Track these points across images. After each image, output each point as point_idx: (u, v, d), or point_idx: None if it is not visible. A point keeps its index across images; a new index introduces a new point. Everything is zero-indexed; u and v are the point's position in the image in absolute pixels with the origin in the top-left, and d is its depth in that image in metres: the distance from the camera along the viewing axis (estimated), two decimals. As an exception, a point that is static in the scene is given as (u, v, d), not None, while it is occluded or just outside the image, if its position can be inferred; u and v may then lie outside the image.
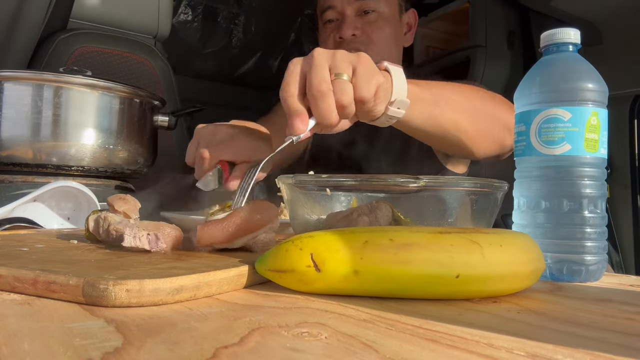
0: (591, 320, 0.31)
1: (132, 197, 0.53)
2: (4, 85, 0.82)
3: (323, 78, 0.50)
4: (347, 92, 0.51)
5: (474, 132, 0.72)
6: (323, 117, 0.51)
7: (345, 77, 0.51)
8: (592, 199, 0.44)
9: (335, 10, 1.04)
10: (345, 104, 0.51)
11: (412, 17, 1.12)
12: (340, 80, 0.51)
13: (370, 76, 0.53)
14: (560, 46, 0.46)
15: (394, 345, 0.24)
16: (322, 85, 0.50)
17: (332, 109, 0.51)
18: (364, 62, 0.53)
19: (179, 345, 0.23)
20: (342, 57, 0.52)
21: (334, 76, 0.51)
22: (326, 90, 0.50)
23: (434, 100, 0.65)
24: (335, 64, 0.51)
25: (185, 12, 1.94)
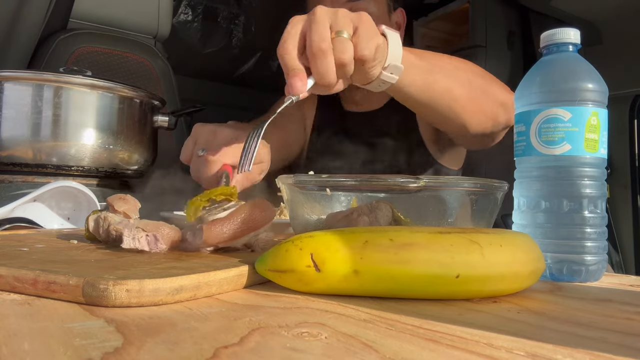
0: (591, 320, 0.31)
1: (132, 197, 0.53)
2: (4, 85, 0.82)
3: (323, 36, 0.49)
4: (347, 50, 0.50)
5: (467, 102, 0.71)
6: (322, 75, 0.51)
7: (345, 35, 0.51)
8: (592, 199, 0.44)
9: None
10: (346, 62, 0.51)
11: (400, 16, 1.12)
12: (341, 38, 0.50)
13: (371, 35, 0.52)
14: (560, 46, 0.46)
15: (394, 345, 0.24)
16: (323, 43, 0.49)
17: (332, 67, 0.50)
18: (365, 21, 0.52)
19: (179, 345, 0.23)
20: (344, 15, 0.52)
21: (335, 34, 0.50)
22: (326, 49, 0.49)
23: (429, 68, 0.65)
24: (336, 22, 0.51)
25: (185, 12, 1.94)
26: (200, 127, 0.67)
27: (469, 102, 0.71)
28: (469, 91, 0.71)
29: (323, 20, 0.50)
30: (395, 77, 0.60)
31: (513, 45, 1.69)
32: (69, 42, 1.31)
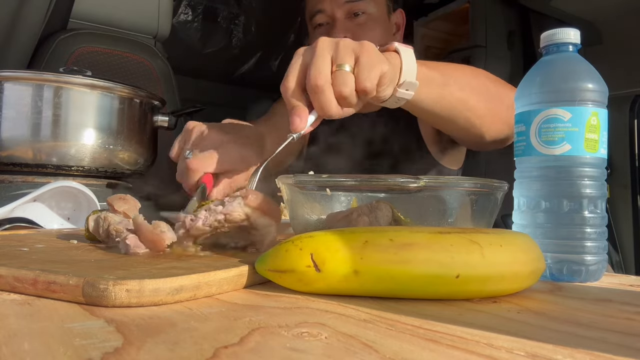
0: (591, 320, 0.31)
1: (132, 197, 0.53)
2: (4, 85, 0.82)
3: (320, 71, 0.50)
4: (347, 83, 0.50)
5: (483, 111, 0.71)
6: (323, 110, 0.51)
7: (347, 68, 0.51)
8: (592, 199, 0.44)
9: (325, 14, 1.03)
10: (345, 95, 0.51)
11: (399, 17, 1.12)
12: (341, 71, 0.50)
13: (372, 65, 0.52)
14: (560, 46, 0.46)
15: (394, 346, 0.24)
16: (319, 79, 0.49)
17: (331, 101, 0.50)
18: (367, 51, 0.52)
19: (179, 345, 0.23)
20: (345, 46, 0.51)
21: (336, 67, 0.50)
22: (323, 84, 0.49)
23: (444, 80, 0.65)
24: (337, 54, 0.51)
25: (185, 12, 1.94)
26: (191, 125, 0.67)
27: (485, 112, 0.71)
28: (484, 100, 0.71)
29: (323, 53, 0.50)
30: (411, 93, 0.59)
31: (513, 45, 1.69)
32: (69, 42, 1.31)
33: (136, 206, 0.52)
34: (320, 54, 0.50)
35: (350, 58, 0.51)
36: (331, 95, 0.50)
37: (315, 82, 0.49)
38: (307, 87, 0.50)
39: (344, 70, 0.50)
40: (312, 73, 0.50)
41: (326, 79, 0.50)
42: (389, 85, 0.56)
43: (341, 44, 0.51)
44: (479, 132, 0.74)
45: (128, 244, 0.42)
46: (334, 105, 0.51)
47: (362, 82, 0.51)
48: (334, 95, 0.51)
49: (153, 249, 0.43)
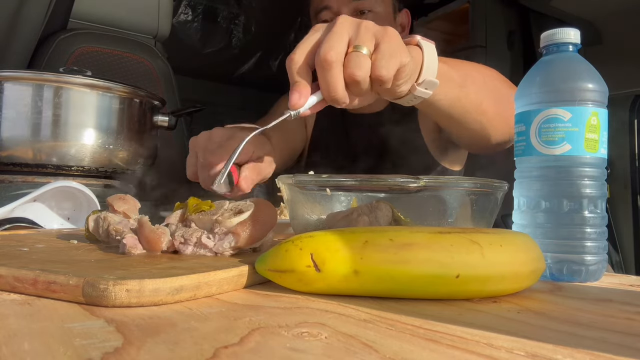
0: (591, 320, 0.31)
1: (132, 197, 0.53)
2: (4, 85, 0.82)
3: (333, 46, 0.45)
4: (362, 66, 0.46)
5: (494, 114, 0.70)
6: (327, 89, 0.47)
7: (364, 51, 0.46)
8: (592, 199, 0.44)
9: (331, 11, 1.03)
10: (358, 79, 0.46)
11: (405, 17, 1.12)
12: (357, 53, 0.46)
13: (393, 54, 0.47)
14: (560, 46, 0.46)
15: (394, 345, 0.24)
16: (329, 54, 0.45)
17: (339, 81, 0.46)
18: (389, 37, 0.48)
19: (179, 345, 0.23)
20: (367, 28, 0.47)
21: (353, 48, 0.46)
22: (333, 60, 0.45)
23: (462, 80, 0.63)
24: (357, 35, 0.46)
25: (185, 12, 1.95)
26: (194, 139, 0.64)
27: (495, 115, 0.70)
28: (495, 103, 0.69)
29: (341, 31, 0.46)
30: (429, 92, 0.56)
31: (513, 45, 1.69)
32: (69, 42, 1.31)
33: (136, 206, 0.52)
34: (338, 31, 0.46)
35: (370, 41, 0.47)
36: (340, 74, 0.46)
37: (324, 56, 0.45)
38: (316, 60, 0.46)
39: (361, 53, 0.46)
40: (323, 47, 0.45)
41: (338, 56, 0.45)
42: (407, 81, 0.53)
43: (363, 25, 0.47)
44: (487, 134, 0.73)
45: (125, 243, 0.42)
46: (341, 87, 0.47)
47: (378, 69, 0.47)
48: (345, 76, 0.46)
49: (149, 250, 0.43)
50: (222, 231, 0.43)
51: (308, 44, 0.48)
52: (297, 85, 0.47)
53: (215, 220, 0.44)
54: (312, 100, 0.48)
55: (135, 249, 0.43)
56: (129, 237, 0.43)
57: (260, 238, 0.45)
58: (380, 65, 0.47)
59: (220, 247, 0.43)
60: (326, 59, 0.45)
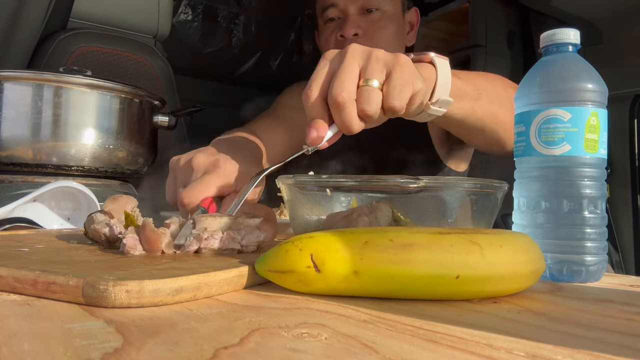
0: (591, 320, 0.31)
1: (126, 197, 0.53)
2: (4, 85, 0.82)
3: (344, 87, 0.46)
4: (373, 101, 0.47)
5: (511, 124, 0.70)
6: (342, 126, 0.48)
7: (375, 84, 0.47)
8: (592, 199, 0.44)
9: (338, 9, 1.01)
10: (370, 114, 0.47)
11: (414, 15, 1.11)
12: (367, 87, 0.47)
13: (404, 85, 0.48)
14: (560, 46, 0.46)
15: (394, 346, 0.24)
16: (340, 95, 0.46)
17: (353, 118, 0.47)
18: (401, 66, 0.48)
19: (179, 346, 0.23)
20: (377, 59, 0.47)
21: (363, 82, 0.47)
22: (345, 101, 0.46)
23: (476, 93, 0.63)
24: (367, 67, 0.47)
25: (185, 12, 1.94)
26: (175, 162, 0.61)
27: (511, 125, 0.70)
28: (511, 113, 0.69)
29: (351, 65, 0.47)
30: (443, 110, 0.57)
31: (513, 45, 1.69)
32: (69, 42, 1.31)
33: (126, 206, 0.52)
34: (348, 65, 0.47)
35: (380, 73, 0.47)
36: (353, 112, 0.47)
37: (336, 98, 0.46)
38: (329, 100, 0.47)
39: (371, 87, 0.47)
40: (335, 87, 0.46)
41: (349, 95, 0.46)
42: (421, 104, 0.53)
43: (373, 56, 0.48)
44: (503, 143, 0.73)
45: (124, 243, 0.43)
46: (356, 122, 0.47)
47: (390, 102, 0.47)
48: (358, 111, 0.47)
49: (149, 250, 0.43)
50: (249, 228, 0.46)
51: (320, 77, 0.48)
52: (315, 123, 0.48)
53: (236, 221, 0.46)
54: (328, 134, 0.49)
55: (135, 249, 0.43)
56: (129, 237, 0.43)
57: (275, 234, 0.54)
58: (392, 97, 0.47)
59: (249, 241, 0.45)
60: (337, 100, 0.46)
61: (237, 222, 0.46)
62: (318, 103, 0.48)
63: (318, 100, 0.48)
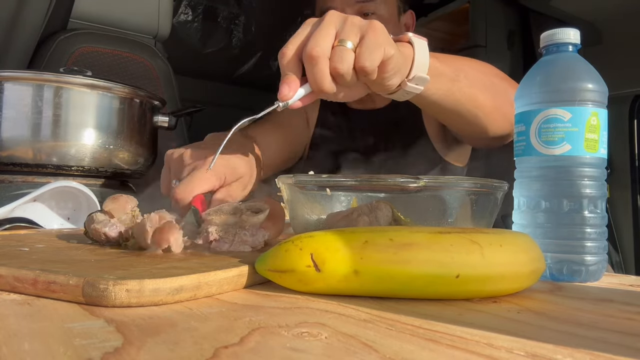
0: (591, 320, 0.31)
1: (126, 196, 0.53)
2: (4, 86, 0.82)
3: (318, 42, 0.48)
4: (345, 59, 0.49)
5: (491, 108, 0.70)
6: (314, 82, 0.49)
7: (349, 45, 0.49)
8: (592, 199, 0.44)
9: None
10: (341, 72, 0.49)
11: (410, 18, 1.12)
12: (340, 47, 0.49)
13: (376, 46, 0.50)
14: (560, 46, 0.47)
15: (394, 345, 0.24)
16: (315, 49, 0.48)
17: (325, 74, 0.49)
18: (374, 30, 0.50)
19: (179, 345, 0.23)
20: (353, 23, 0.50)
21: (338, 42, 0.49)
22: (318, 55, 0.48)
23: (454, 75, 0.64)
24: (342, 30, 0.49)
25: (185, 12, 1.94)
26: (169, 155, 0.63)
27: (491, 109, 0.71)
28: (492, 97, 0.70)
29: (328, 26, 0.49)
30: (420, 87, 0.58)
31: (513, 45, 1.69)
32: (69, 42, 1.31)
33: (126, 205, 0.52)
34: (325, 26, 0.49)
35: (354, 35, 0.49)
36: (326, 68, 0.49)
37: (310, 52, 0.48)
38: (303, 56, 0.49)
39: (344, 47, 0.49)
40: (310, 43, 0.48)
41: (323, 51, 0.48)
42: (396, 75, 0.54)
43: (349, 20, 0.50)
44: (484, 128, 0.73)
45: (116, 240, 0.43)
46: (327, 80, 0.49)
47: (361, 61, 0.49)
48: (330, 70, 0.49)
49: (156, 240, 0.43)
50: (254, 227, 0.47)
51: (299, 38, 0.50)
52: (287, 77, 0.50)
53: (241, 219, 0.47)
54: (300, 92, 0.51)
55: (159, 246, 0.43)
56: None
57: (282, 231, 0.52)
58: (364, 57, 0.49)
59: (257, 242, 0.47)
60: (311, 54, 0.48)
61: (242, 219, 0.47)
62: (293, 61, 0.50)
63: (293, 58, 0.50)
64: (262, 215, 0.48)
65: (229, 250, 0.46)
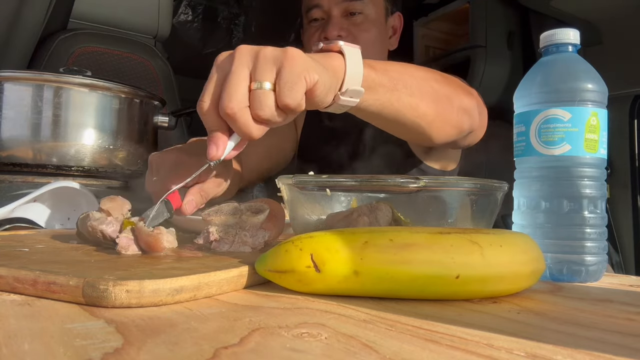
0: (591, 320, 0.31)
1: (122, 198, 0.53)
2: (4, 86, 0.82)
3: (232, 97, 0.45)
4: (266, 105, 0.45)
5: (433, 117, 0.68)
6: (242, 134, 0.47)
7: (266, 86, 0.45)
8: (592, 200, 0.44)
9: (322, 10, 1.03)
10: (265, 118, 0.46)
11: (397, 20, 1.12)
12: (258, 92, 0.45)
13: (296, 78, 0.46)
14: (559, 46, 0.47)
15: (394, 346, 0.24)
16: (229, 106, 0.44)
17: (249, 125, 0.46)
18: (290, 61, 0.46)
19: (179, 346, 0.23)
20: (265, 58, 0.46)
21: (254, 85, 0.45)
22: (236, 112, 0.45)
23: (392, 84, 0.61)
24: (255, 69, 0.46)
25: (185, 12, 1.95)
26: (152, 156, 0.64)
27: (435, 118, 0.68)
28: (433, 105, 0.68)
29: (238, 70, 0.45)
30: (355, 100, 0.55)
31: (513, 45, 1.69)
32: (69, 42, 1.31)
33: (123, 206, 0.52)
34: (236, 71, 0.45)
35: (269, 73, 0.46)
36: (248, 119, 0.45)
37: (225, 110, 0.45)
38: (220, 113, 0.46)
39: (262, 90, 0.45)
40: (223, 99, 0.45)
41: (239, 105, 0.45)
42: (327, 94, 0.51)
43: (261, 56, 0.46)
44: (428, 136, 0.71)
45: (117, 242, 0.43)
46: (254, 129, 0.46)
47: (283, 101, 0.46)
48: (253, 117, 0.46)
49: (152, 251, 0.43)
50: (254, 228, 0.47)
51: (211, 85, 0.47)
52: (212, 137, 0.47)
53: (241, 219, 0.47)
54: (230, 145, 0.48)
55: (127, 249, 0.43)
56: (123, 237, 0.43)
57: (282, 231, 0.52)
58: (284, 95, 0.46)
59: (257, 242, 0.47)
60: (227, 113, 0.45)
61: (242, 219, 0.47)
62: (213, 114, 0.47)
63: (211, 111, 0.47)
64: (262, 216, 0.48)
65: (229, 250, 0.46)
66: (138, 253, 0.44)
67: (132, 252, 0.43)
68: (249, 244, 0.46)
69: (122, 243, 0.43)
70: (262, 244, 0.47)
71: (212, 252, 0.46)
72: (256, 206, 0.49)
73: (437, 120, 0.69)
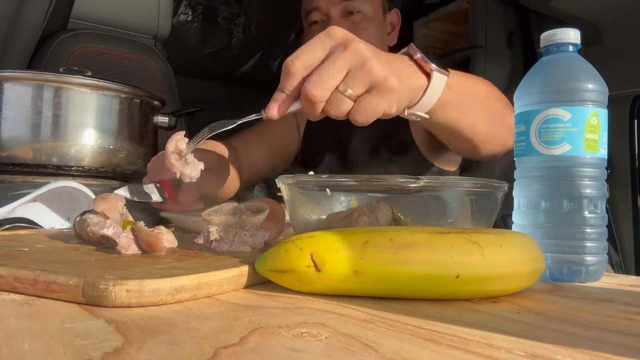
0: (591, 320, 0.31)
1: (115, 195, 0.53)
2: (4, 86, 0.82)
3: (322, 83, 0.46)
4: (339, 109, 0.47)
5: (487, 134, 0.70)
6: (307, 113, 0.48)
7: (351, 95, 0.47)
8: (592, 199, 0.44)
9: (321, 12, 1.04)
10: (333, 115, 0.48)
11: (395, 16, 1.12)
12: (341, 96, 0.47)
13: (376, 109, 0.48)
14: (560, 46, 0.46)
15: (394, 346, 0.24)
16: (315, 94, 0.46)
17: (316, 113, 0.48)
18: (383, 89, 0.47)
19: (179, 346, 0.23)
20: (367, 72, 0.46)
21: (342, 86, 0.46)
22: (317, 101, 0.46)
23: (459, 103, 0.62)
24: (352, 74, 0.46)
25: (185, 12, 1.95)
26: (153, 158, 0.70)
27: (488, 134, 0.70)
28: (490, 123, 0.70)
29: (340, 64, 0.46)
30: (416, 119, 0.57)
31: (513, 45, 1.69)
32: (69, 42, 1.31)
33: (117, 205, 0.52)
34: (338, 64, 0.46)
35: (361, 87, 0.47)
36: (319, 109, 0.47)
37: (307, 94, 0.46)
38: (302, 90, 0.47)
39: (344, 96, 0.47)
40: (313, 78, 0.46)
41: (323, 96, 0.46)
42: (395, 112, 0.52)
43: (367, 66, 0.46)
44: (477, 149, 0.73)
45: (116, 241, 0.43)
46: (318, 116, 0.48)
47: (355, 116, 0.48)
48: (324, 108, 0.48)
49: (153, 251, 0.43)
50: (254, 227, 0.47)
51: (311, 53, 0.47)
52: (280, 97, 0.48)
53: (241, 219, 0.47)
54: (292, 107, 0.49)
55: (127, 249, 0.43)
56: (123, 237, 0.43)
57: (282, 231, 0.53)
58: (359, 113, 0.48)
59: (257, 242, 0.47)
60: (307, 97, 0.46)
61: (242, 219, 0.47)
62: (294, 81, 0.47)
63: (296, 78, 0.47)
64: (262, 216, 0.48)
65: (229, 250, 0.46)
66: (138, 253, 0.44)
67: (132, 251, 0.43)
68: (249, 244, 0.47)
69: (122, 243, 0.43)
70: (262, 243, 0.47)
71: (212, 252, 0.46)
72: (256, 206, 0.49)
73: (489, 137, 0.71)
